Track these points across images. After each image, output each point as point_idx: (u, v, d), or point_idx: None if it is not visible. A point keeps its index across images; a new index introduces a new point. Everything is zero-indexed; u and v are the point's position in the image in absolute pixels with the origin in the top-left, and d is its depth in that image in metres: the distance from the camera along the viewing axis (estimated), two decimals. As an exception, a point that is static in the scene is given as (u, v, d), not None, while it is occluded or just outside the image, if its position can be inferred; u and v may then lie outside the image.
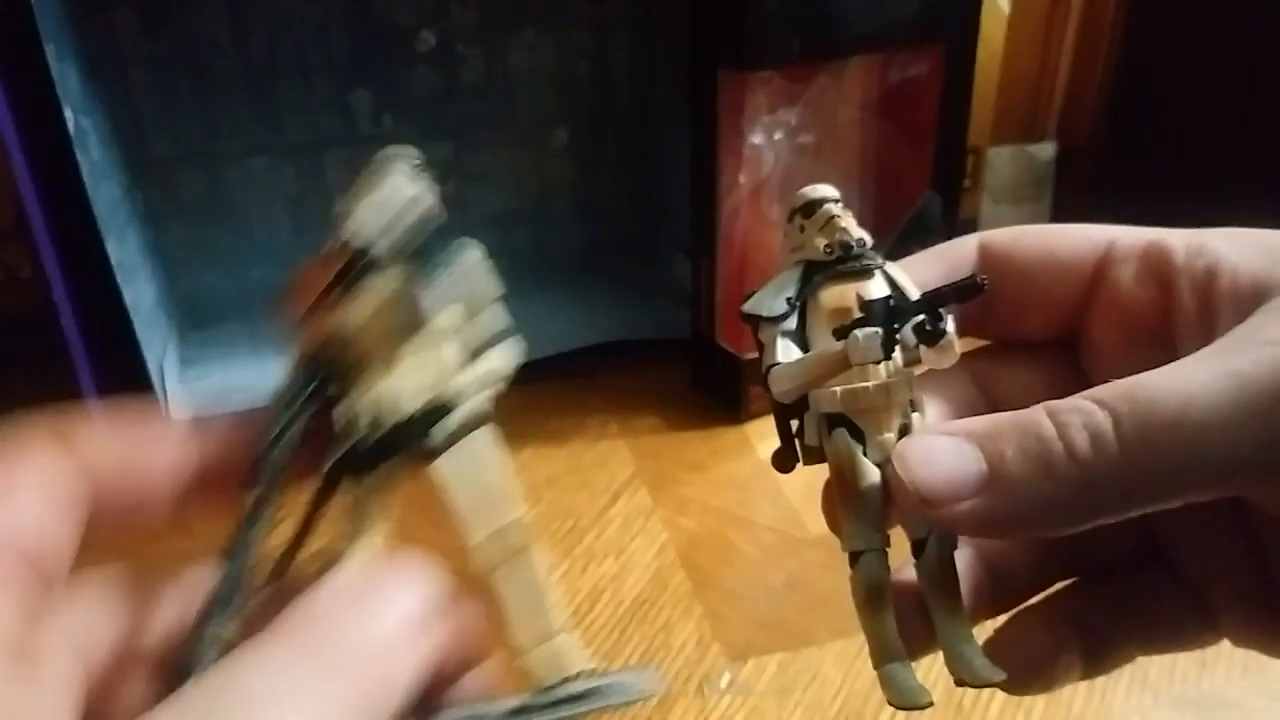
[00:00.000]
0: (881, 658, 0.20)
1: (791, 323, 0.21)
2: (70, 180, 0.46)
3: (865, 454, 0.20)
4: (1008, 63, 0.65)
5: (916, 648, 0.20)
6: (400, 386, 0.19)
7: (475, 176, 0.64)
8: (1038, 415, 0.18)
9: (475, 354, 0.20)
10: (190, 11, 0.55)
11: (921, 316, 0.20)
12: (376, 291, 0.19)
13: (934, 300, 0.20)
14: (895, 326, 0.20)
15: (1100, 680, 0.37)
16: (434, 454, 0.20)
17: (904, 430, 0.21)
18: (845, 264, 0.21)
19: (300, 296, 0.20)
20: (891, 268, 0.21)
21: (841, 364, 0.20)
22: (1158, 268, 0.22)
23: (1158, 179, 0.74)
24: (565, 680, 0.20)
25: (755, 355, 0.56)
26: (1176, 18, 0.72)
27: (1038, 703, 0.36)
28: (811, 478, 0.53)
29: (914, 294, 0.21)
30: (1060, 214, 0.82)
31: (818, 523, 0.46)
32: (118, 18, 0.54)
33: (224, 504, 0.19)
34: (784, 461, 0.22)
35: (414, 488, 0.20)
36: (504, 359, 0.21)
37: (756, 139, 0.48)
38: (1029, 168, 0.80)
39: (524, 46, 0.61)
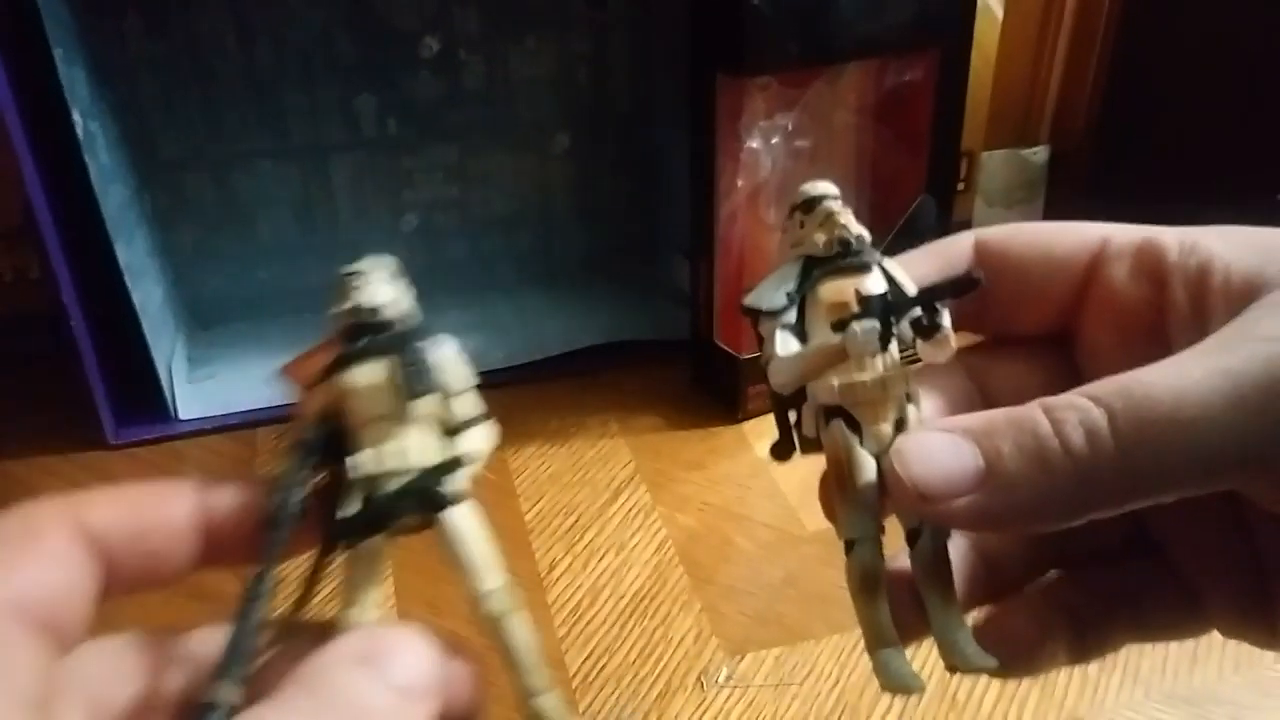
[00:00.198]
0: (875, 643, 0.20)
1: (791, 316, 0.22)
2: (79, 183, 0.47)
3: (862, 445, 0.21)
4: (1001, 68, 0.66)
5: (909, 634, 0.21)
6: (407, 446, 0.21)
7: (478, 180, 0.65)
8: (1034, 412, 0.18)
9: (453, 435, 0.22)
10: (197, 17, 0.56)
11: (918, 311, 0.20)
12: (371, 369, 0.21)
13: (930, 295, 0.20)
14: (892, 321, 0.20)
15: (1093, 675, 0.37)
16: (443, 506, 0.21)
17: (900, 423, 0.21)
18: (844, 259, 0.21)
19: (305, 366, 0.21)
20: (889, 264, 0.22)
21: (839, 357, 0.20)
22: (1151, 265, 0.22)
23: (1150, 183, 0.75)
24: None
25: (753, 355, 0.56)
26: (1168, 23, 0.72)
27: (1030, 697, 0.36)
28: (809, 476, 0.53)
29: (911, 290, 0.21)
30: (1053, 217, 0.82)
31: (814, 520, 0.47)
32: (125, 23, 0.55)
33: (235, 562, 0.20)
34: (782, 452, 0.23)
35: (406, 547, 0.21)
36: (482, 440, 0.22)
37: (754, 143, 0.48)
38: (1022, 171, 0.80)
39: (525, 52, 0.62)
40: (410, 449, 0.21)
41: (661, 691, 0.37)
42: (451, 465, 0.21)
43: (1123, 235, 0.23)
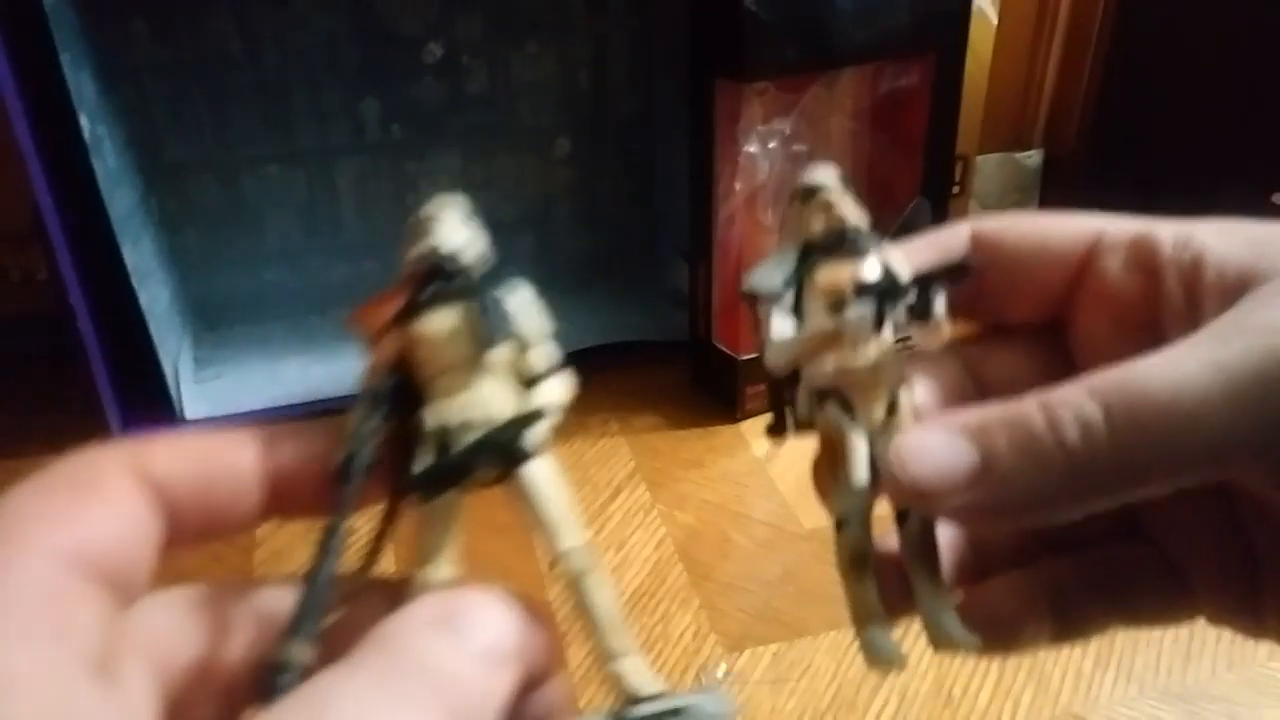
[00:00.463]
0: (861, 620, 0.20)
1: (788, 300, 0.22)
2: (86, 186, 0.47)
3: (855, 426, 0.21)
4: (996, 73, 0.66)
5: (896, 612, 0.21)
6: (484, 396, 0.20)
7: (480, 183, 0.65)
8: (1029, 407, 0.19)
9: (529, 386, 0.21)
10: (204, 23, 0.56)
11: (913, 297, 0.20)
12: (444, 316, 0.20)
13: (925, 282, 0.20)
14: (886, 306, 0.20)
15: (1087, 671, 0.38)
16: (522, 460, 0.20)
17: (893, 407, 0.21)
18: (841, 245, 0.22)
19: (374, 313, 0.21)
20: (887, 250, 0.22)
21: (834, 340, 0.21)
22: (1145, 257, 0.22)
23: (1143, 186, 0.75)
24: (643, 699, 0.19)
25: (752, 356, 0.57)
26: (1162, 27, 0.73)
27: (1025, 693, 0.37)
28: (806, 475, 0.53)
29: (906, 276, 0.21)
30: (1049, 220, 0.83)
31: (812, 517, 0.48)
32: (132, 29, 0.55)
33: (302, 514, 0.19)
34: (776, 431, 0.23)
35: (478, 505, 0.20)
36: (560, 391, 0.21)
37: (752, 147, 0.49)
38: (1016, 175, 0.81)
39: (527, 58, 0.62)
40: (488, 399, 0.20)
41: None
42: (531, 417, 0.20)
43: (1118, 227, 0.23)
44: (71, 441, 0.54)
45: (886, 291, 0.21)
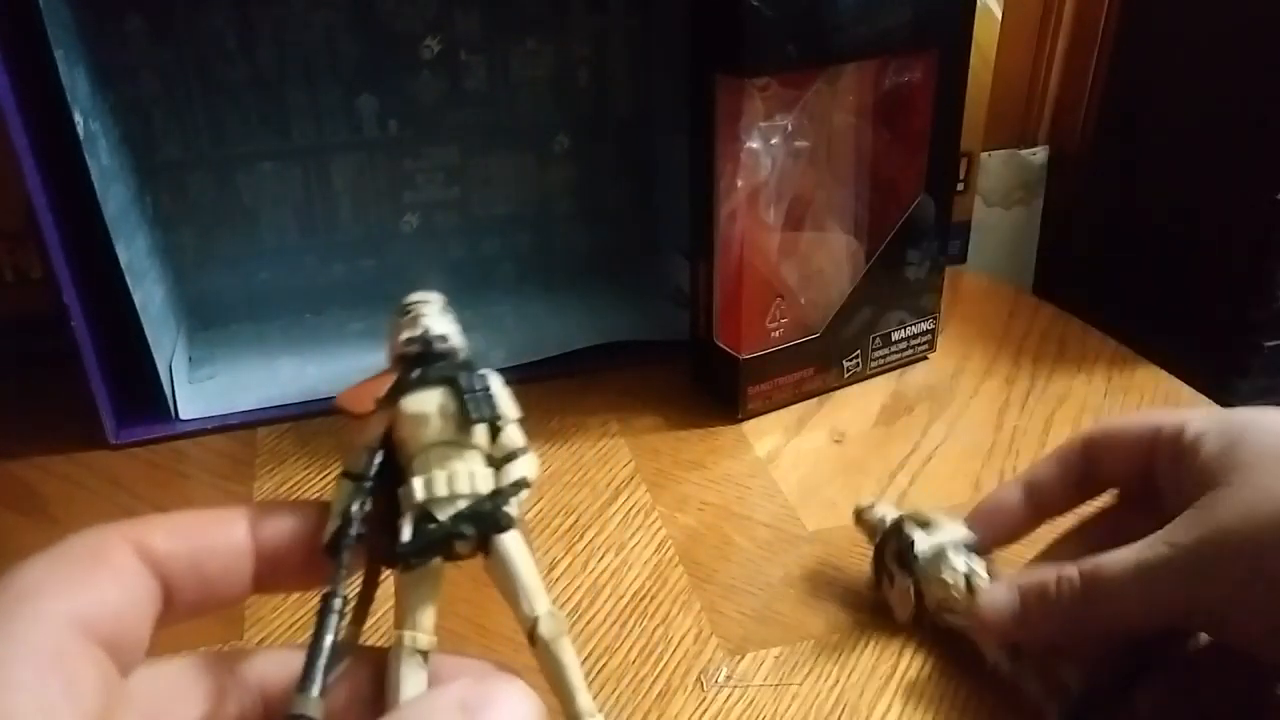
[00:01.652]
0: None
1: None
2: (80, 183, 0.47)
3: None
4: (1000, 69, 0.66)
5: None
6: (464, 471, 0.22)
7: (479, 181, 0.65)
8: (1049, 574, 0.33)
9: (501, 463, 0.23)
10: (199, 18, 0.56)
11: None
12: (429, 396, 0.22)
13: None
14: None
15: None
16: (504, 529, 0.22)
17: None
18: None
19: (362, 394, 0.22)
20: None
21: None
22: (1169, 451, 0.34)
23: (1148, 183, 0.75)
24: None
25: (752, 355, 0.56)
26: (1167, 24, 0.72)
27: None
28: (808, 475, 0.53)
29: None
30: (1051, 218, 0.83)
31: (814, 519, 0.47)
32: (127, 24, 0.55)
33: (290, 588, 0.21)
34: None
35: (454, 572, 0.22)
36: (532, 467, 0.23)
37: (754, 144, 0.49)
38: (1021, 171, 0.80)
39: (526, 54, 0.62)
40: (470, 474, 0.22)
41: (661, 691, 0.37)
42: (508, 492, 0.22)
43: (1170, 424, 0.34)
44: (66, 443, 0.54)
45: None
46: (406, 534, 0.21)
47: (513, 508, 0.22)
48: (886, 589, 0.39)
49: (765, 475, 0.49)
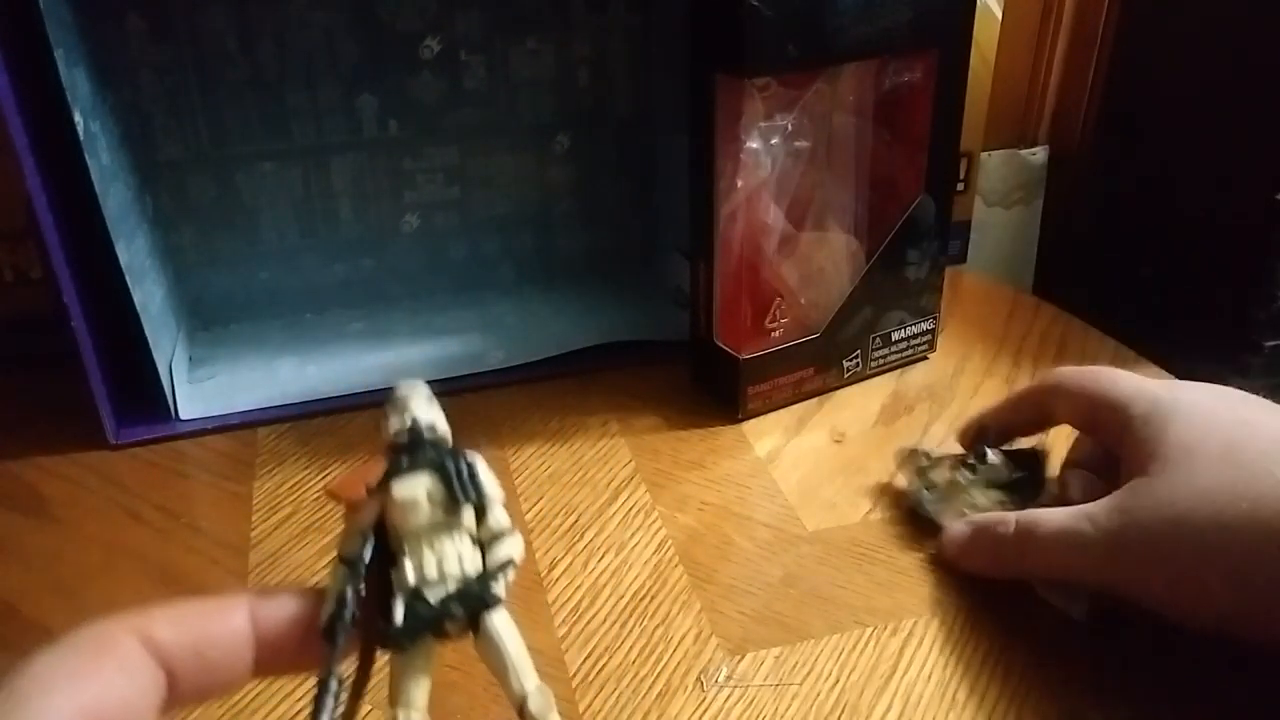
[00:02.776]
0: None
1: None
2: (80, 183, 0.47)
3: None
4: (1000, 69, 0.66)
5: None
6: (453, 553, 0.23)
7: (478, 181, 0.65)
8: (996, 518, 0.40)
9: (487, 543, 0.24)
10: (199, 18, 0.56)
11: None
12: (418, 483, 0.23)
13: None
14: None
15: (1094, 674, 0.37)
16: (493, 608, 0.23)
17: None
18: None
19: (354, 482, 0.24)
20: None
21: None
22: (1112, 420, 0.39)
23: (1148, 183, 0.75)
24: None
25: (753, 355, 0.56)
26: (1167, 23, 0.72)
27: (1030, 694, 0.36)
28: (808, 475, 0.53)
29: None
30: (1051, 218, 0.83)
31: (813, 519, 0.47)
32: (127, 23, 0.55)
33: (286, 672, 0.22)
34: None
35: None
36: (517, 548, 0.24)
37: (754, 144, 0.49)
38: (1021, 171, 0.80)
39: (526, 54, 0.62)
40: (459, 556, 0.23)
41: (661, 691, 0.37)
42: (495, 572, 0.23)
43: (1112, 396, 0.39)
44: (66, 443, 0.54)
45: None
46: (399, 616, 0.22)
47: (500, 587, 0.23)
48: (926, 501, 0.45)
49: (765, 475, 0.49)
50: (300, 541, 0.45)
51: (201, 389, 0.56)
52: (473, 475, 0.23)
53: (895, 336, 0.58)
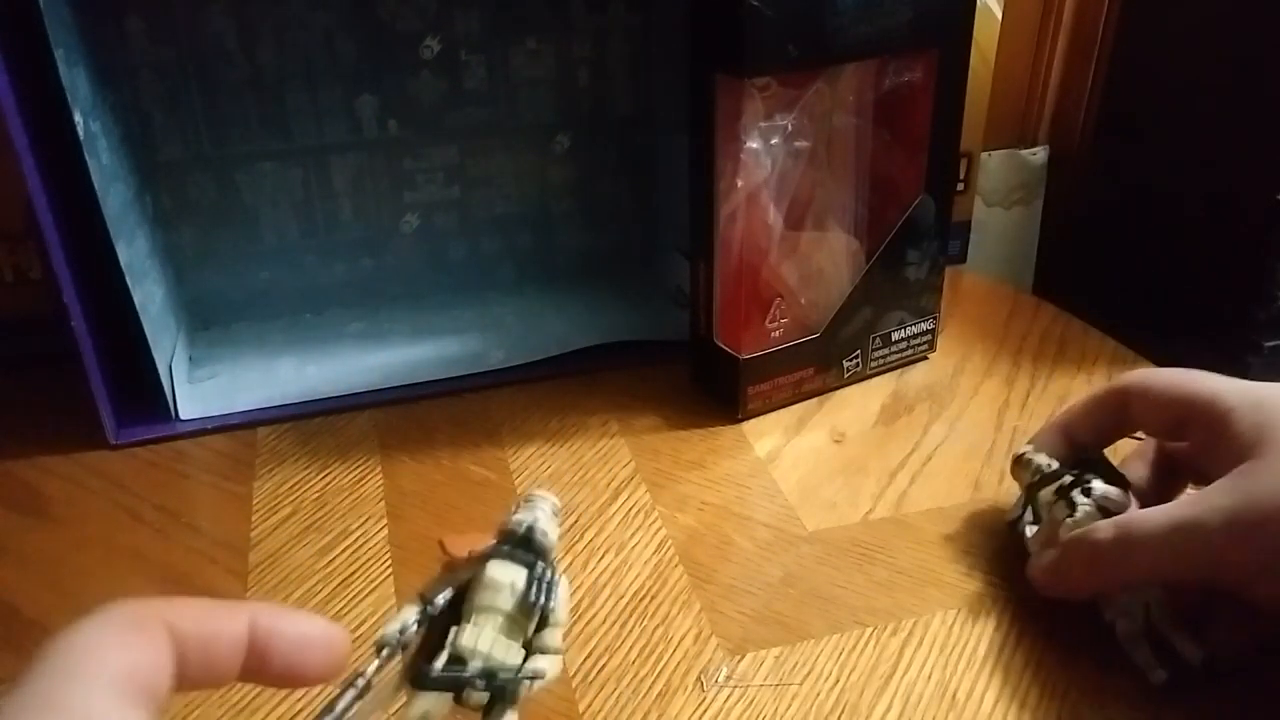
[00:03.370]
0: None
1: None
2: (80, 183, 0.47)
3: None
4: (1000, 69, 0.66)
5: None
6: (504, 642, 0.27)
7: (479, 180, 0.65)
8: (1084, 529, 0.37)
9: (532, 653, 0.27)
10: (199, 18, 0.56)
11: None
12: (509, 570, 0.27)
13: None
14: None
15: (1095, 673, 0.37)
16: (512, 702, 0.26)
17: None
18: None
19: (463, 543, 0.28)
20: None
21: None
22: (1201, 417, 0.37)
23: (1148, 183, 0.75)
24: None
25: (753, 355, 0.56)
26: (1167, 23, 0.72)
27: (1030, 694, 0.36)
28: (808, 475, 0.53)
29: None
30: (1052, 218, 0.83)
31: (813, 519, 0.47)
32: (127, 24, 0.55)
33: (277, 681, 0.24)
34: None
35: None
36: (552, 668, 0.27)
37: (754, 144, 0.49)
38: (1021, 172, 0.80)
39: (526, 54, 0.62)
40: (508, 647, 0.26)
41: (661, 691, 0.37)
42: (526, 675, 0.26)
43: (1201, 393, 0.38)
44: (66, 443, 0.54)
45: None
46: (439, 663, 0.25)
47: (523, 690, 0.26)
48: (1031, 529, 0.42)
49: (765, 475, 0.49)
50: (300, 541, 0.45)
51: (201, 389, 0.56)
52: (550, 590, 0.27)
53: (895, 336, 0.58)
